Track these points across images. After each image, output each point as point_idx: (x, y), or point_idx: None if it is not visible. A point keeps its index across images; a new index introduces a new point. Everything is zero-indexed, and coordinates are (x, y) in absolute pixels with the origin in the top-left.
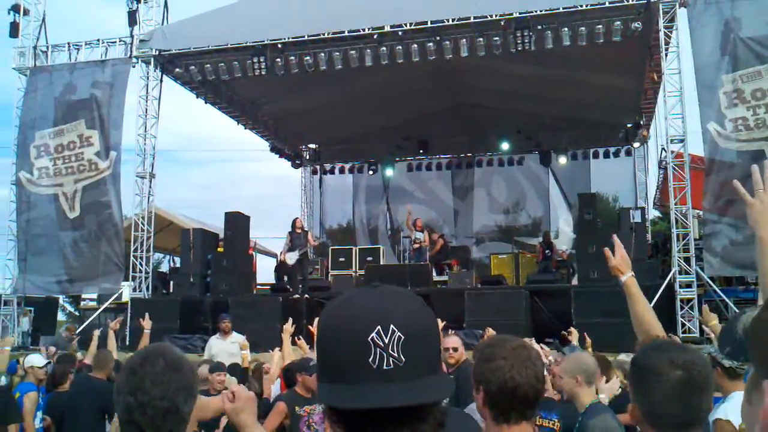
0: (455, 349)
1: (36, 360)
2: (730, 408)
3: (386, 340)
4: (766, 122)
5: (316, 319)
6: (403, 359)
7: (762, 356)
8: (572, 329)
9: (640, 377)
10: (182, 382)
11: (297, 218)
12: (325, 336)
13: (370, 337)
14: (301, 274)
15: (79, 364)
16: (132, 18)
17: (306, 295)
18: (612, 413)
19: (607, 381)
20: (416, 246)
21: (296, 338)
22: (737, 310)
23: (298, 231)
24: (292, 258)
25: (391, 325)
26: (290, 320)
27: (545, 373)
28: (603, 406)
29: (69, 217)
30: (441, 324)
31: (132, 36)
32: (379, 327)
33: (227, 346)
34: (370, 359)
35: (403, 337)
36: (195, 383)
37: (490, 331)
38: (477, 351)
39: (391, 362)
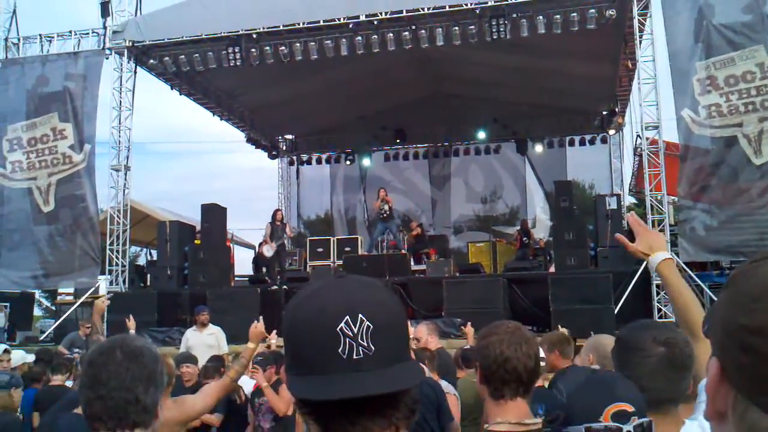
0: (417, 340)
1: (27, 357)
2: None
3: (355, 330)
4: (739, 109)
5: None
6: (373, 348)
7: (712, 333)
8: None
9: (624, 353)
10: (141, 372)
11: (278, 210)
12: (293, 328)
13: (339, 327)
14: (279, 266)
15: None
16: (105, 9)
17: (284, 287)
18: None
19: None
20: (384, 216)
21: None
22: (712, 295)
23: (278, 223)
24: (269, 250)
25: (360, 315)
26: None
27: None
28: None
29: (43, 211)
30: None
31: (105, 27)
32: (347, 317)
33: (205, 338)
34: (340, 349)
35: (371, 326)
36: (157, 372)
37: (469, 327)
38: (479, 334)
39: (361, 351)
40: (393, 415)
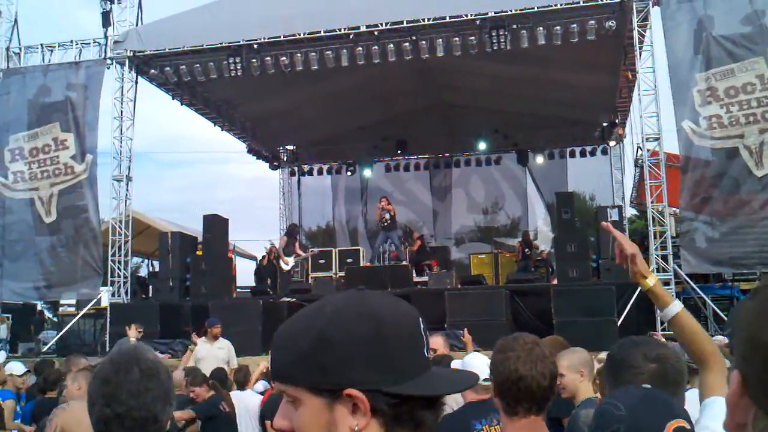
0: (434, 350)
1: (16, 368)
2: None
3: (426, 331)
4: (740, 120)
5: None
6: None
7: (735, 346)
8: None
9: (615, 370)
10: (159, 390)
11: (294, 225)
12: (386, 338)
13: (422, 330)
14: (280, 277)
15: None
16: (106, 19)
17: (287, 298)
18: None
19: None
20: (385, 225)
21: None
22: (715, 308)
23: (293, 237)
24: (290, 263)
25: (420, 318)
26: None
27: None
28: (597, 401)
29: (45, 221)
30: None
31: (106, 37)
32: (419, 319)
33: (215, 351)
34: (424, 350)
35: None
36: (171, 389)
37: (467, 334)
38: (496, 347)
39: (428, 351)
40: (443, 410)
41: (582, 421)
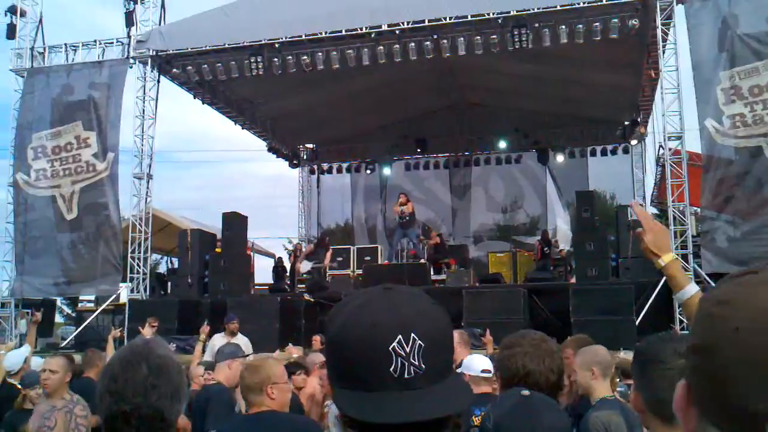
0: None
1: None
2: None
3: (407, 350)
4: (764, 119)
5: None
6: (424, 367)
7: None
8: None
9: (643, 366)
10: (168, 387)
11: (327, 237)
12: (342, 343)
13: (391, 347)
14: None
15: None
16: (129, 19)
17: (304, 296)
18: (622, 410)
19: None
20: (403, 222)
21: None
22: None
23: (323, 248)
24: (306, 267)
25: (412, 334)
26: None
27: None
28: (613, 401)
29: (67, 218)
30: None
31: (129, 37)
32: (399, 336)
33: None
34: (392, 368)
35: (423, 345)
36: (182, 385)
37: (488, 336)
38: (502, 343)
39: (412, 371)
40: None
41: (592, 424)
